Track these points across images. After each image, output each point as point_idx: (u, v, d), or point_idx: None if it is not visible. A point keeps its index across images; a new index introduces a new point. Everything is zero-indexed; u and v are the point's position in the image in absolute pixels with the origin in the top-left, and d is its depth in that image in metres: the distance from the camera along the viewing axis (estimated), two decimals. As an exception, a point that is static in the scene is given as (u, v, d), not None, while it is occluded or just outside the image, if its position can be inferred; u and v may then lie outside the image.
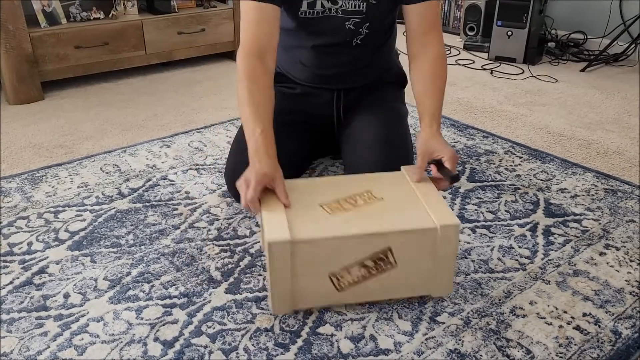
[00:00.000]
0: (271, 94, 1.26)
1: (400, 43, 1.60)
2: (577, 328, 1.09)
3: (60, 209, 1.50)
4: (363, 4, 1.34)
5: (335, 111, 1.54)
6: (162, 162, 1.77)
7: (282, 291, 1.07)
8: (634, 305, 1.15)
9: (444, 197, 1.55)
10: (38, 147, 1.90)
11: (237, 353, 1.03)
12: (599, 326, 1.10)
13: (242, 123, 1.24)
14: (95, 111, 2.23)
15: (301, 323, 1.10)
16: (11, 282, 1.21)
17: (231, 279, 1.22)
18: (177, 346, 1.04)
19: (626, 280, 1.23)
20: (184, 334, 1.07)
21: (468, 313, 1.13)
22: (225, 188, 1.59)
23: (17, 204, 1.52)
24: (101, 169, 1.73)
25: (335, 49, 1.44)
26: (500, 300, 1.17)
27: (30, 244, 1.34)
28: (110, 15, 2.52)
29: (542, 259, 1.30)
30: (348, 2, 1.34)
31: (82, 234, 1.39)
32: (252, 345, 1.05)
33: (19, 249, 1.33)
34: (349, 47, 1.43)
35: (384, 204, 1.14)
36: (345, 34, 1.40)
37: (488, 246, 1.35)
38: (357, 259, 1.07)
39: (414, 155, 1.66)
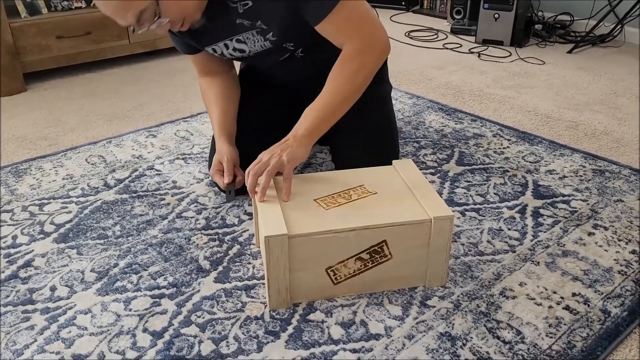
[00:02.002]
0: (227, 85, 1.48)
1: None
2: (567, 308, 1.10)
3: (45, 201, 1.48)
4: (265, 42, 1.27)
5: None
6: (149, 152, 1.75)
7: (279, 286, 1.07)
8: (623, 284, 1.16)
9: (433, 182, 1.55)
10: (21, 139, 1.87)
11: (227, 342, 1.02)
12: (589, 306, 1.10)
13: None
14: (79, 102, 2.19)
15: (291, 310, 1.09)
16: (-4, 277, 1.19)
17: (220, 268, 1.21)
18: (167, 336, 1.03)
19: (615, 260, 1.23)
20: (173, 324, 1.06)
21: (458, 296, 1.13)
22: (212, 177, 1.57)
23: (0, 197, 1.49)
24: (86, 160, 1.70)
25: (287, 64, 1.38)
26: (490, 282, 1.17)
27: (15, 237, 1.32)
28: (92, 4, 2.48)
29: (531, 241, 1.30)
30: (254, 45, 1.29)
31: (67, 226, 1.37)
32: (243, 333, 1.04)
33: (4, 242, 1.30)
34: (296, 59, 1.37)
35: (377, 198, 1.14)
36: (277, 54, 1.34)
37: (477, 229, 1.35)
38: (353, 253, 1.08)
39: (399, 139, 1.64)
